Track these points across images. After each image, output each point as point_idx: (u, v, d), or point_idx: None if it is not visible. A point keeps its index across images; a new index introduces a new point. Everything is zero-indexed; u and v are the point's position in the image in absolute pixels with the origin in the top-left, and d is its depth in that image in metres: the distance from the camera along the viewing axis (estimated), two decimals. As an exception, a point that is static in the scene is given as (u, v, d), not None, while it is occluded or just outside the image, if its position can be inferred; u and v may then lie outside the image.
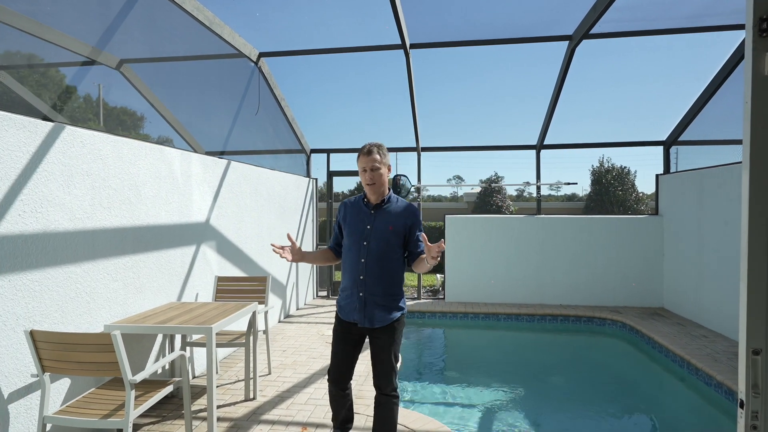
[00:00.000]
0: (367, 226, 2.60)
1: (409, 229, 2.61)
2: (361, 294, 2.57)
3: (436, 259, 2.35)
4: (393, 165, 3.33)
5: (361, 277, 2.57)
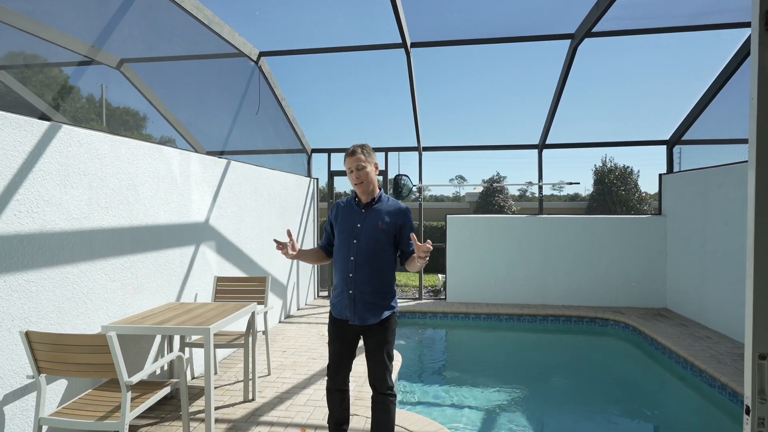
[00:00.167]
0: (357, 225, 2.63)
1: (400, 228, 2.63)
2: (351, 292, 2.59)
3: (424, 258, 2.37)
4: (395, 165, 3.32)
5: (350, 275, 2.59)
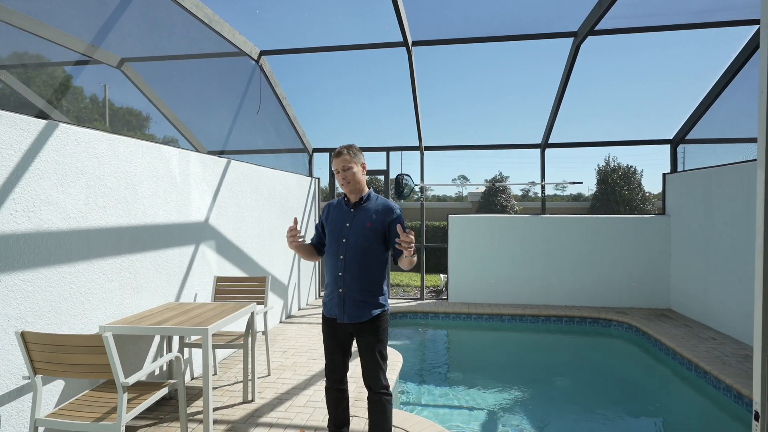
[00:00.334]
0: (346, 224, 2.65)
1: (388, 226, 2.63)
2: (341, 290, 2.61)
3: (408, 250, 2.37)
4: (397, 164, 3.30)
5: (340, 274, 2.61)
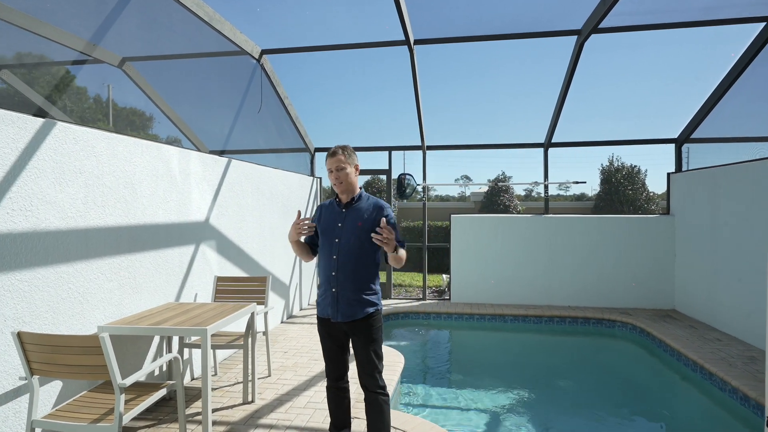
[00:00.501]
0: (338, 224, 2.68)
1: (378, 224, 2.61)
2: (334, 290, 2.63)
3: (386, 244, 2.39)
4: (399, 164, 3.31)
5: (333, 273, 2.63)
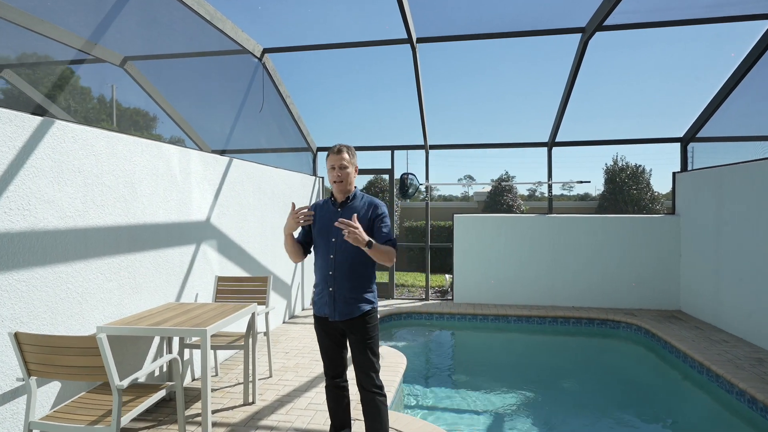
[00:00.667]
0: (335, 223, 2.64)
1: (372, 222, 2.68)
2: (331, 289, 2.65)
3: (351, 238, 2.38)
4: (402, 163, 3.29)
5: (330, 273, 2.65)
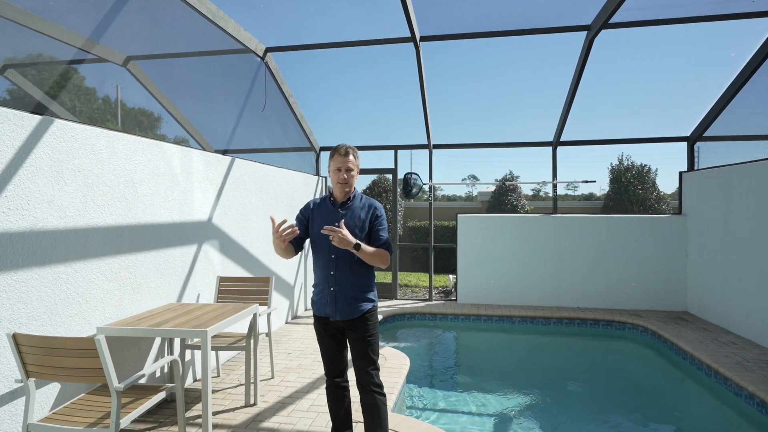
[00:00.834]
0: (336, 224, 2.67)
1: (372, 223, 2.72)
2: (333, 289, 2.64)
3: (337, 242, 2.43)
4: (406, 163, 3.31)
5: (331, 273, 2.65)
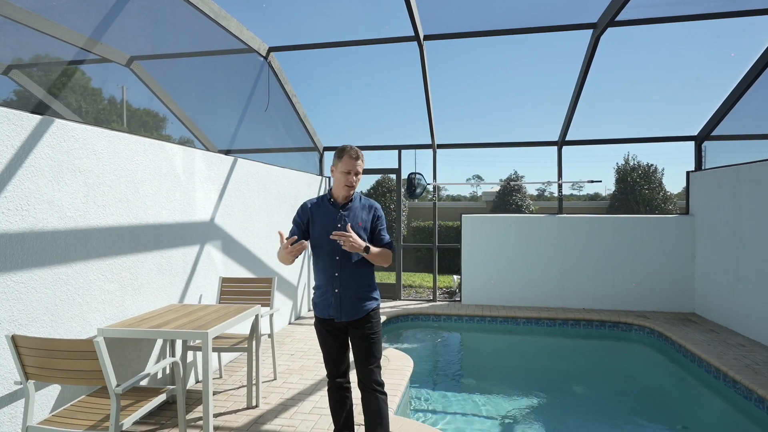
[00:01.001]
0: (338, 225, 2.68)
1: (373, 224, 2.73)
2: (337, 290, 2.64)
3: (348, 247, 2.47)
4: (410, 163, 3.31)
5: (336, 274, 2.64)
